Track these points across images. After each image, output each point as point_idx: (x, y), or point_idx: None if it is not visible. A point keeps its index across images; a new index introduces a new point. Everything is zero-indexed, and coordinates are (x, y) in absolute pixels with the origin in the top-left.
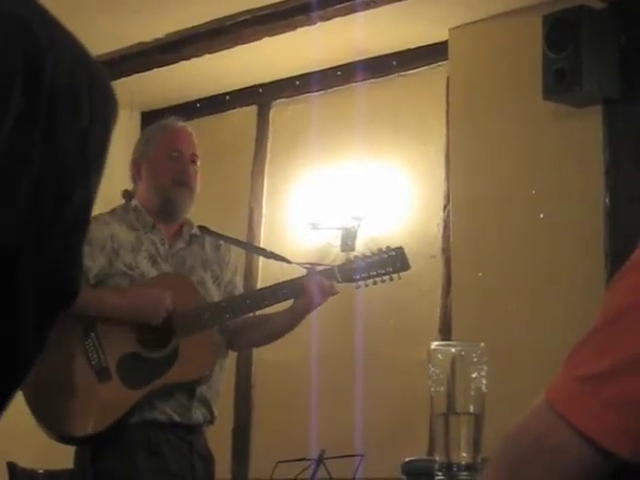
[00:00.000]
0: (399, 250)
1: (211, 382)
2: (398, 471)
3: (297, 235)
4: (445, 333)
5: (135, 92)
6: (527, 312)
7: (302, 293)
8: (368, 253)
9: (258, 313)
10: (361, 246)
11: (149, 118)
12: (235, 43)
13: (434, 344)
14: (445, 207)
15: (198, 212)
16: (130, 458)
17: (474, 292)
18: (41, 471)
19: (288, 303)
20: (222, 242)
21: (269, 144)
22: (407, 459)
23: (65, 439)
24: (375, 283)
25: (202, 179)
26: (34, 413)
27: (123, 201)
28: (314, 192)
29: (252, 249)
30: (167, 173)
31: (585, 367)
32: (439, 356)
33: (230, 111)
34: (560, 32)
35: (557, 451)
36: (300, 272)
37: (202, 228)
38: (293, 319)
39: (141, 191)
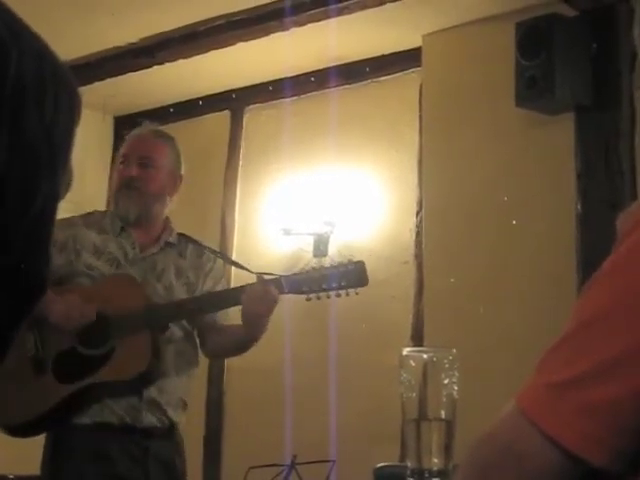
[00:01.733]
0: (359, 264)
1: (162, 386)
2: (370, 477)
3: (270, 240)
4: (417, 339)
5: (108, 96)
6: (500, 318)
7: (242, 300)
8: (326, 264)
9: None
10: (334, 252)
11: (122, 122)
12: (209, 48)
13: (406, 350)
14: (417, 213)
15: (171, 217)
16: (77, 461)
17: (446, 298)
18: (12, 476)
19: None
20: (205, 251)
21: (242, 149)
22: (379, 465)
23: (3, 428)
24: (328, 297)
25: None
26: None
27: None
28: (287, 197)
29: (222, 257)
30: (116, 179)
31: (556, 373)
32: (411, 362)
33: (203, 116)
34: (532, 39)
35: (527, 457)
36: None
37: (181, 235)
38: (244, 328)
39: (111, 199)
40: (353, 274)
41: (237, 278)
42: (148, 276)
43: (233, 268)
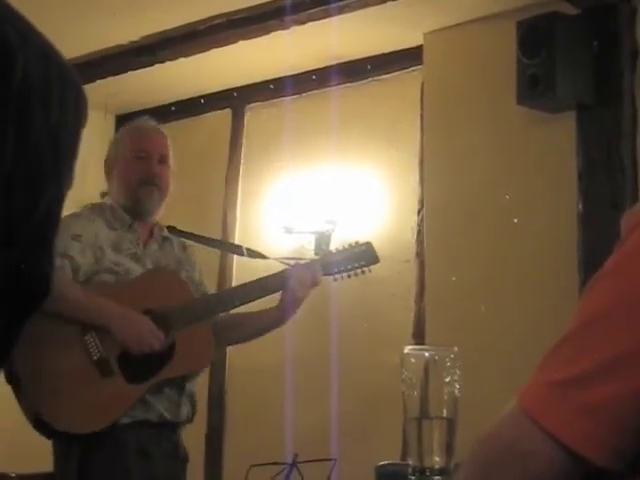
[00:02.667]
0: (368, 245)
1: (197, 378)
2: (371, 475)
3: (271, 239)
4: (418, 337)
5: (110, 95)
6: (501, 317)
7: (286, 285)
8: (341, 248)
9: (244, 309)
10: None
11: (124, 121)
12: (210, 47)
13: (407, 348)
14: (419, 211)
15: (173, 215)
16: (118, 460)
17: (448, 296)
18: (13, 475)
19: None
20: (189, 243)
21: (243, 148)
22: (380, 463)
23: (67, 436)
24: (349, 277)
25: (176, 182)
26: (45, 413)
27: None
28: (288, 196)
29: (227, 247)
30: (134, 173)
31: (557, 372)
32: (412, 360)
33: (205, 114)
34: (534, 38)
35: (529, 456)
36: (277, 269)
37: (171, 228)
38: (281, 314)
39: (113, 191)
40: (367, 253)
41: (239, 269)
42: (165, 266)
43: (235, 257)
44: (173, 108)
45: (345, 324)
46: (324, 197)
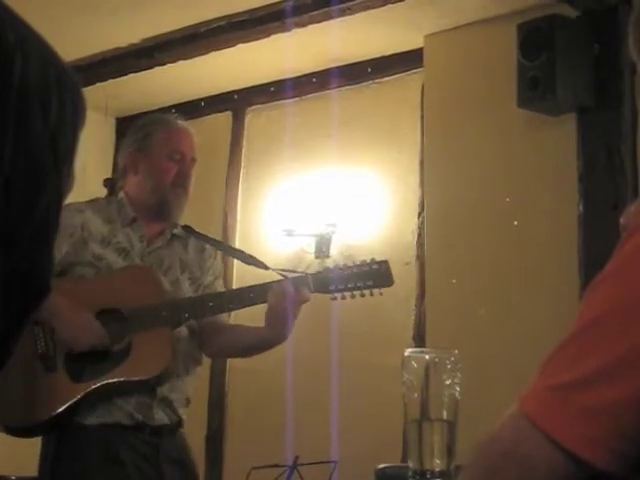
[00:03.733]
0: (384, 264)
1: (174, 384)
2: (372, 478)
3: (271, 241)
4: (419, 340)
5: (110, 97)
6: (501, 319)
7: (269, 298)
8: (350, 263)
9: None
10: (335, 253)
11: (124, 123)
12: (210, 49)
13: (408, 351)
14: (419, 214)
15: None
16: (86, 463)
17: (448, 299)
18: (13, 478)
19: None
20: (207, 245)
21: (244, 150)
22: (381, 466)
23: (7, 429)
24: (353, 296)
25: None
26: None
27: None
28: (289, 198)
29: (232, 252)
30: (167, 175)
31: (558, 376)
32: (413, 363)
33: (205, 117)
34: (534, 40)
35: (530, 460)
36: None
37: (186, 228)
38: (270, 328)
39: (133, 185)
40: (379, 273)
41: (239, 274)
42: (147, 265)
43: (235, 263)
44: (173, 111)
45: (346, 326)
46: (324, 200)
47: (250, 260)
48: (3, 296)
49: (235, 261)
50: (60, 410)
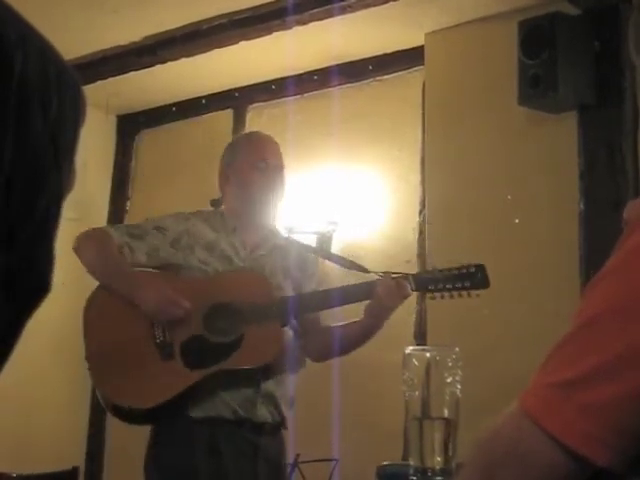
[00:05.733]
0: (480, 267)
1: (280, 381)
2: (373, 475)
3: None
4: (420, 338)
5: (111, 95)
6: (502, 317)
7: (371, 295)
8: (448, 266)
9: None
10: (336, 251)
11: (125, 121)
12: (211, 47)
13: (409, 349)
14: (420, 212)
15: None
16: (189, 455)
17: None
18: (14, 475)
19: None
20: (310, 254)
21: None
22: (382, 463)
23: (118, 410)
24: (452, 297)
25: (178, 182)
26: (94, 380)
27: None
28: (289, 196)
29: (333, 258)
30: (255, 182)
31: (559, 374)
32: (414, 361)
33: (206, 115)
34: (535, 38)
35: (531, 457)
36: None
37: (288, 238)
38: (367, 323)
39: (229, 198)
40: (477, 276)
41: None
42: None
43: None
44: (174, 108)
45: None
46: (325, 197)
47: (351, 265)
48: (3, 294)
49: None
50: (174, 395)
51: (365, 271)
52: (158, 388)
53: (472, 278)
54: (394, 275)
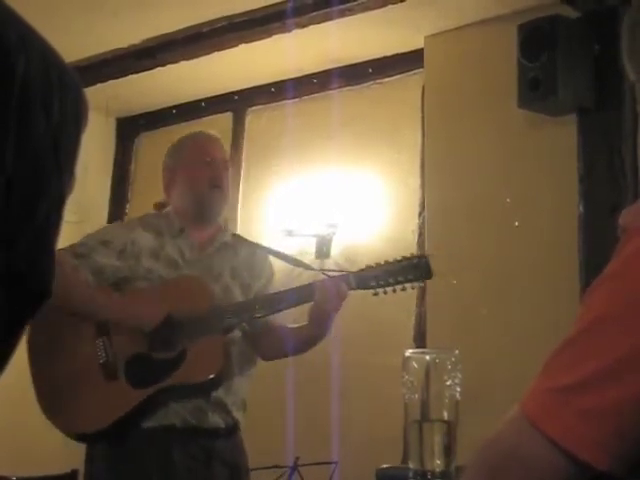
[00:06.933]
0: (424, 258)
1: (229, 387)
2: (372, 478)
3: (272, 242)
4: (419, 340)
5: (110, 98)
6: (502, 320)
7: (312, 297)
8: (390, 259)
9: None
10: (336, 253)
11: (125, 124)
12: (211, 50)
13: (408, 351)
14: (420, 214)
15: None
16: (142, 463)
17: (449, 299)
18: (14, 478)
19: None
20: (258, 251)
21: (244, 151)
22: (381, 466)
23: (74, 436)
24: (394, 291)
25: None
26: (45, 412)
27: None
28: (289, 199)
29: (278, 256)
30: (202, 178)
31: (559, 378)
32: (413, 363)
33: (206, 117)
34: (535, 41)
35: (532, 461)
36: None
37: (235, 236)
38: (314, 326)
39: (175, 198)
40: (419, 267)
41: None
42: (205, 278)
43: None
44: (174, 111)
45: (346, 327)
46: (325, 200)
47: (296, 262)
48: (4, 296)
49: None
50: (122, 415)
51: (310, 269)
52: (107, 409)
53: (415, 270)
54: (334, 274)
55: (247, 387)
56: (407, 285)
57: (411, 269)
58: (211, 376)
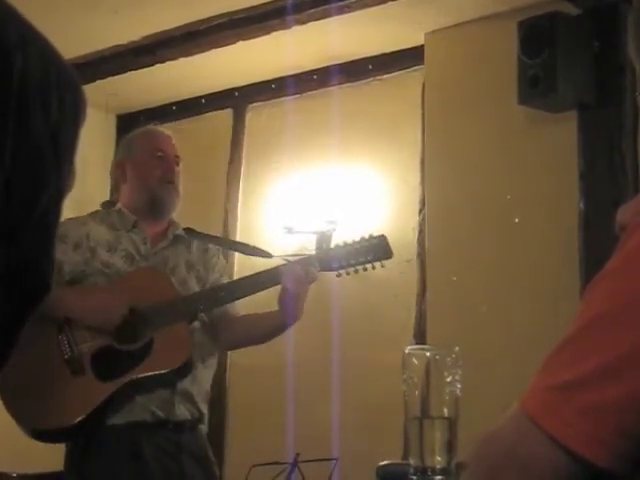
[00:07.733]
0: (381, 238)
1: (194, 377)
2: (373, 475)
3: (272, 239)
4: (420, 337)
5: (110, 95)
6: (502, 316)
7: (279, 281)
8: (349, 241)
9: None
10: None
11: (125, 121)
12: (211, 46)
13: (408, 348)
14: (420, 211)
15: (173, 214)
16: (111, 462)
17: (449, 296)
18: (14, 475)
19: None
20: (210, 244)
21: (245, 147)
22: (382, 463)
23: (39, 434)
24: (356, 271)
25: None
26: (9, 410)
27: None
28: (289, 196)
29: (235, 246)
30: (153, 172)
31: (559, 375)
32: (414, 360)
33: (206, 114)
34: (535, 38)
35: (532, 459)
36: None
37: (188, 230)
38: (284, 310)
39: (126, 193)
40: (378, 247)
41: (239, 269)
42: (156, 267)
43: (236, 258)
44: (174, 108)
45: (346, 324)
46: (325, 197)
47: (254, 251)
48: (3, 292)
49: (236, 256)
50: (91, 410)
51: (268, 256)
52: (75, 405)
53: (375, 250)
54: (296, 258)
55: (210, 378)
56: (368, 266)
57: (370, 250)
58: (181, 364)
